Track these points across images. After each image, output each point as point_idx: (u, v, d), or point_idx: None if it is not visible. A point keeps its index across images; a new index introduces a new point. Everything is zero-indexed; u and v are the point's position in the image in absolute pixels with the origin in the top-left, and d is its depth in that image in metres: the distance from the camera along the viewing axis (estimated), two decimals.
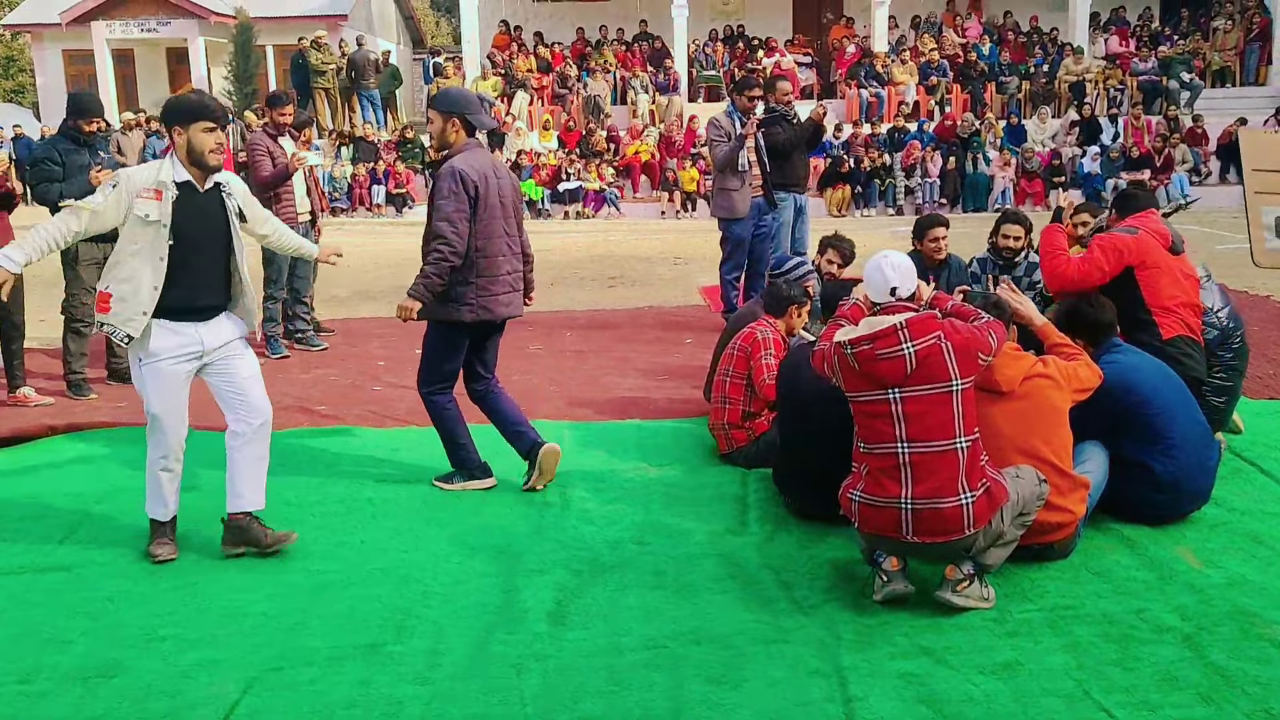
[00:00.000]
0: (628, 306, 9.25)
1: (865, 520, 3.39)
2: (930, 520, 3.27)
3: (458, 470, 4.68)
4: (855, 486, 3.43)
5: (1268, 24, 21.09)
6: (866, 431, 3.40)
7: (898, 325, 3.32)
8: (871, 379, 3.34)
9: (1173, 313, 4.54)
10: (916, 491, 3.28)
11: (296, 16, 24.47)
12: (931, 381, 3.29)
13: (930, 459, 3.28)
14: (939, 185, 17.84)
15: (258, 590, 3.65)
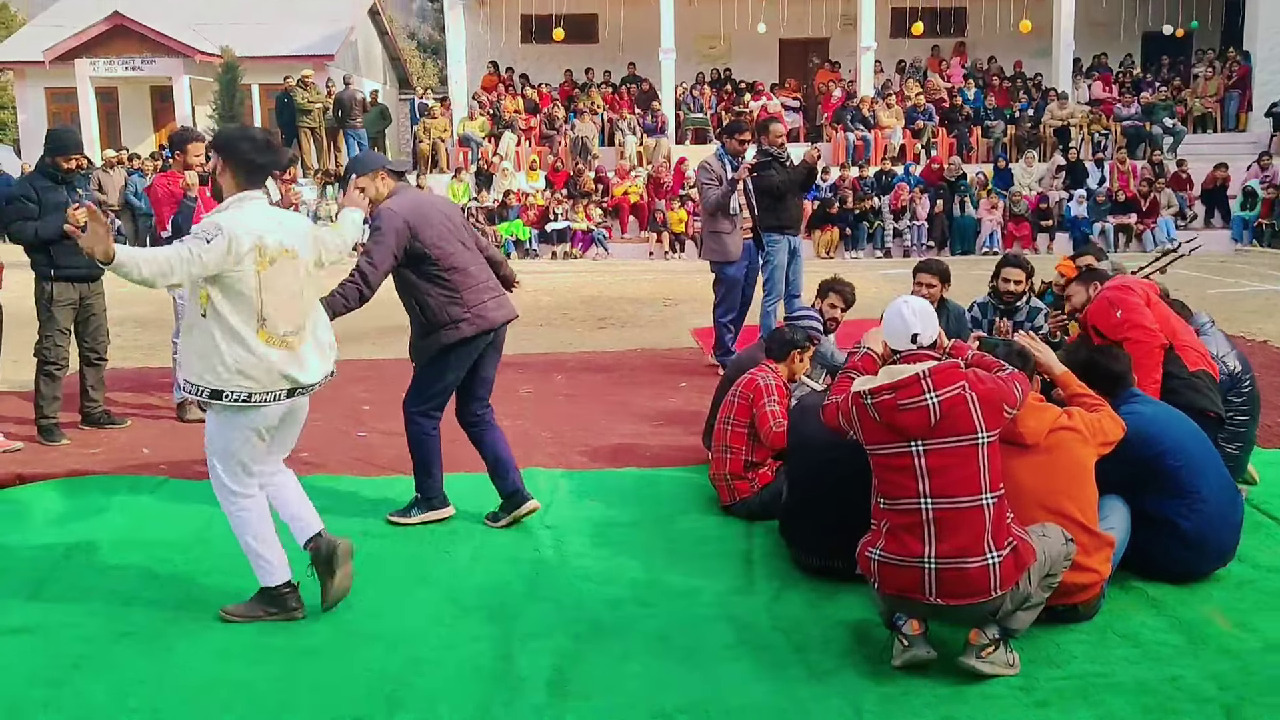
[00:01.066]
0: (618, 348, 9.07)
1: (885, 580, 3.20)
2: (955, 581, 3.09)
3: (418, 501, 4.66)
4: (874, 544, 3.24)
5: (1247, 72, 21.33)
6: (887, 486, 3.22)
7: (920, 374, 3.16)
8: (893, 430, 3.17)
9: (1189, 346, 4.51)
10: (940, 550, 3.10)
11: (283, 56, 24.47)
12: (956, 434, 3.13)
13: (955, 515, 3.10)
14: (927, 228, 17.83)
15: (237, 656, 3.42)
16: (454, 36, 22.11)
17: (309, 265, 3.72)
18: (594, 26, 23.55)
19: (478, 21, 23.17)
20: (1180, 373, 4.37)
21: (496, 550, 4.31)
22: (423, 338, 4.56)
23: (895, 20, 22.81)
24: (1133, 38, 22.87)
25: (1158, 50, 22.73)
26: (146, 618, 3.72)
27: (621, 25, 22.28)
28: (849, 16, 22.94)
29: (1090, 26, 22.03)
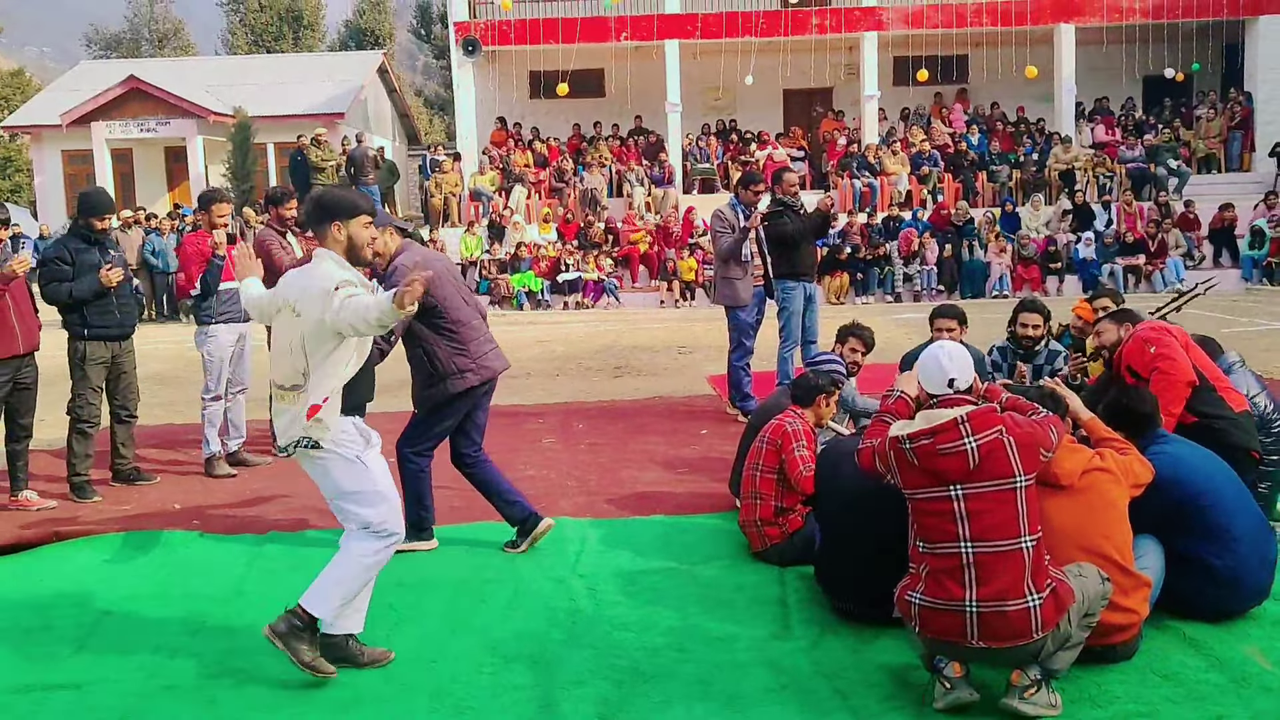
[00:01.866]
0: (637, 397, 9.14)
1: (926, 624, 3.23)
2: (996, 624, 3.12)
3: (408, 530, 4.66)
4: (914, 589, 3.27)
5: (1249, 113, 21.55)
6: (927, 531, 3.26)
7: (959, 419, 3.21)
8: (932, 475, 3.22)
9: (1227, 387, 4.56)
10: (981, 594, 3.13)
11: (295, 115, 24.89)
12: (994, 478, 3.17)
13: (995, 559, 3.14)
14: (936, 272, 17.95)
15: (281, 709, 3.45)
16: (463, 93, 22.48)
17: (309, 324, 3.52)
18: (600, 81, 23.93)
19: (486, 78, 23.56)
20: (1227, 413, 4.42)
21: (532, 599, 4.34)
22: (429, 386, 4.82)
23: (898, 68, 23.13)
24: (1133, 81, 23.15)
25: (1159, 93, 22.99)
26: (189, 671, 3.76)
27: (628, 80, 22.63)
28: (852, 66, 23.29)
29: (1091, 71, 22.32)
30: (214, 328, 6.65)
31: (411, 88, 49.14)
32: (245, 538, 5.33)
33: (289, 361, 3.58)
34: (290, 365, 3.58)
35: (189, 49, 46.78)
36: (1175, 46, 21.59)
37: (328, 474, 3.65)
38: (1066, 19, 21.70)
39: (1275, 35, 21.40)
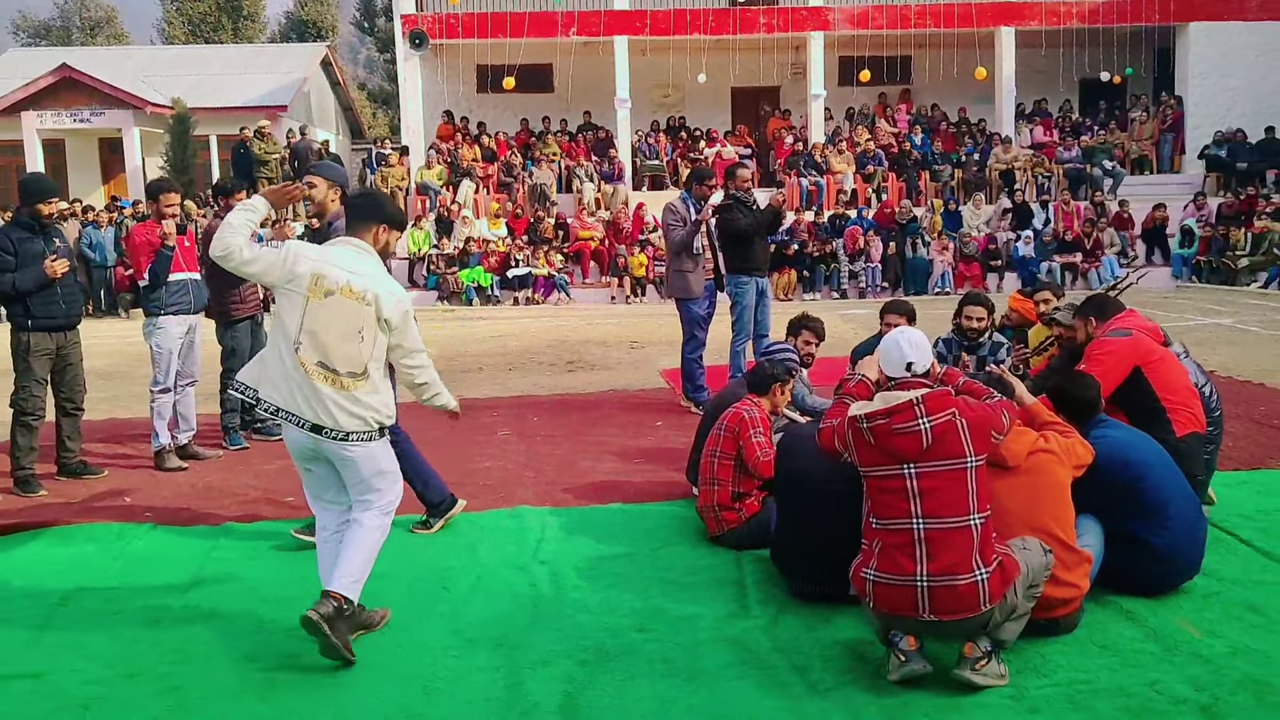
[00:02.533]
0: (591, 390, 9.21)
1: (880, 599, 3.35)
2: (947, 597, 3.25)
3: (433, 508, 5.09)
4: (868, 565, 3.40)
5: (1180, 116, 22.19)
6: (880, 507, 3.39)
7: (914, 400, 3.34)
8: (887, 453, 3.35)
9: (1182, 404, 4.63)
10: (932, 568, 3.26)
11: (236, 107, 24.53)
12: (947, 457, 3.31)
13: (945, 535, 3.27)
14: (881, 270, 18.25)
15: (248, 693, 3.47)
16: (410, 87, 22.34)
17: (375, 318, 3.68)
18: (548, 76, 23.93)
19: (433, 72, 23.44)
20: (1167, 438, 4.43)
21: (494, 585, 4.40)
22: None
23: (843, 69, 23.46)
24: (1071, 84, 23.73)
25: (1095, 96, 23.59)
26: (152, 659, 3.75)
27: (577, 75, 22.66)
28: (798, 66, 23.58)
29: (1030, 73, 22.83)
30: (162, 319, 6.59)
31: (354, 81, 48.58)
32: (200, 530, 5.31)
33: (355, 349, 3.66)
34: (356, 351, 3.66)
35: (122, 38, 45.80)
36: (1111, 51, 22.18)
37: (374, 456, 3.77)
38: (1007, 22, 22.17)
39: (1205, 41, 22.08)
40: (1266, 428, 6.89)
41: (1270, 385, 8.38)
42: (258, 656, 3.74)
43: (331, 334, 3.64)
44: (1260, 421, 7.06)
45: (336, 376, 3.65)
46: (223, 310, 6.97)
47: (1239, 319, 13.44)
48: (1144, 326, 4.95)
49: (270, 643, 3.86)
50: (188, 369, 6.82)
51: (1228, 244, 18.15)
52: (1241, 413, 7.24)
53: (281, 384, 3.67)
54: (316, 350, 3.65)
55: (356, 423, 3.68)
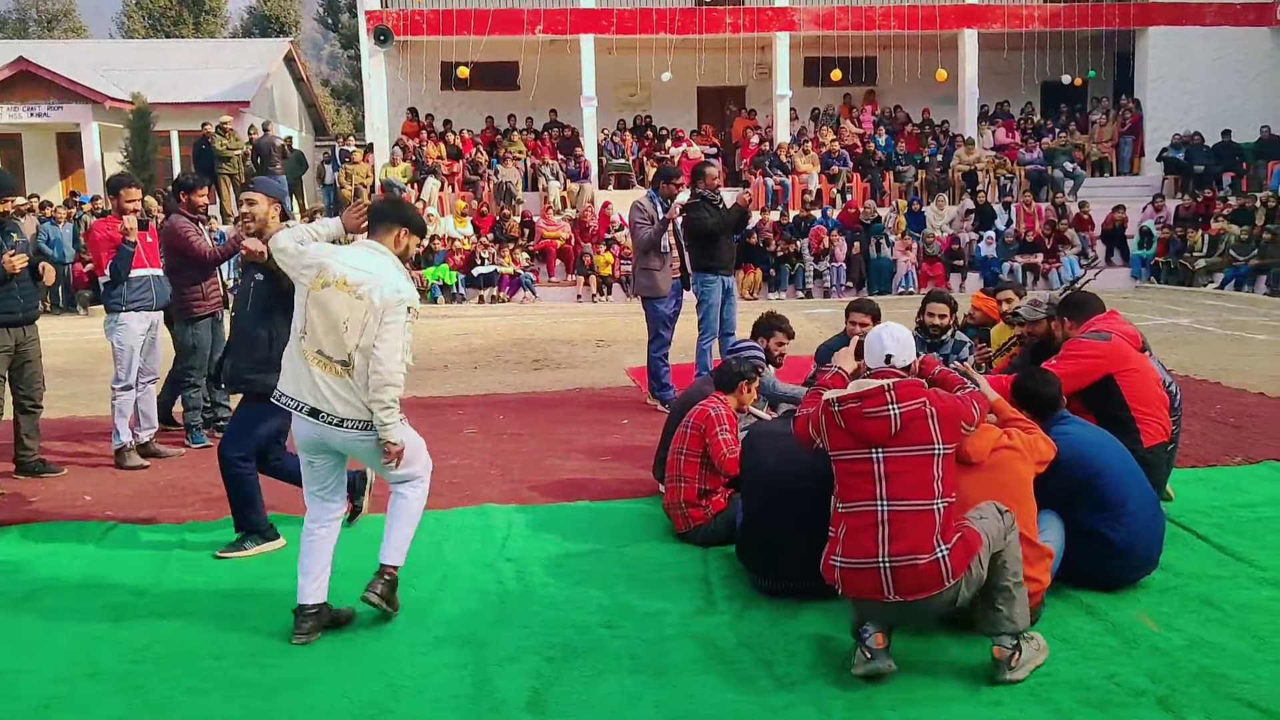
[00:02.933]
0: (557, 388, 9.21)
1: (848, 585, 3.39)
2: (909, 578, 3.30)
3: (253, 534, 4.82)
4: (835, 553, 3.44)
5: (1139, 119, 22.54)
6: (846, 490, 3.44)
7: (885, 387, 3.42)
8: (856, 437, 3.41)
9: (1153, 416, 4.69)
10: (893, 549, 3.31)
11: (198, 103, 24.24)
12: (914, 444, 3.38)
13: (907, 517, 3.34)
14: (845, 269, 18.38)
15: (211, 692, 3.44)
16: (374, 83, 22.20)
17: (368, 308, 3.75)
18: (514, 74, 23.85)
19: (397, 68, 23.29)
20: (1135, 447, 4.46)
21: (461, 583, 4.39)
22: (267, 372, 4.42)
23: (808, 69, 23.59)
24: (1033, 86, 24.01)
25: (1056, 98, 23.90)
26: (113, 659, 3.72)
27: (543, 73, 22.61)
28: (764, 66, 23.67)
29: (993, 76, 23.08)
30: (124, 316, 6.51)
31: (318, 77, 48.19)
32: (162, 528, 5.26)
33: (340, 338, 3.77)
34: (340, 341, 3.77)
35: (80, 32, 45.07)
36: (1072, 54, 22.47)
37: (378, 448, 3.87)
38: (970, 25, 22.40)
39: (1163, 46, 22.43)
40: (1222, 426, 7.02)
41: (1226, 384, 8.53)
42: (222, 655, 3.71)
43: (323, 323, 3.78)
44: (1216, 420, 7.20)
45: (331, 363, 3.78)
46: (184, 307, 6.90)
47: (1196, 319, 13.68)
48: (1124, 331, 4.94)
49: (234, 641, 3.83)
50: (150, 366, 6.74)
51: (1185, 245, 18.46)
52: (1198, 411, 7.37)
53: (290, 376, 3.88)
54: (313, 340, 3.80)
55: (350, 409, 3.78)
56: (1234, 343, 11.34)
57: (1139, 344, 4.96)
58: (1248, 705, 3.19)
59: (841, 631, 3.78)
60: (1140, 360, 4.86)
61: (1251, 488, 5.56)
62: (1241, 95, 22.38)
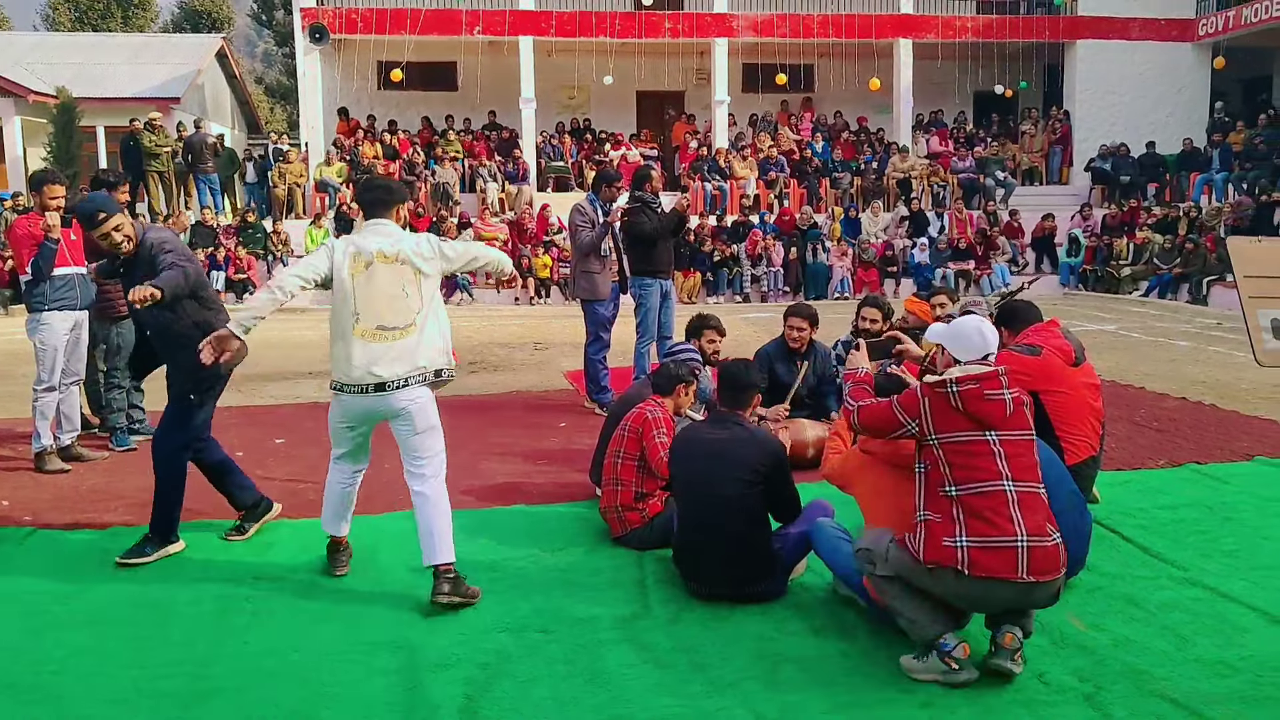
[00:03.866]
0: (493, 392, 9.14)
1: (979, 565, 3.31)
2: (1041, 558, 3.34)
3: (155, 537, 4.71)
4: (953, 534, 3.36)
5: (1068, 130, 23.08)
6: (964, 471, 3.40)
7: (1000, 371, 3.50)
8: (974, 419, 3.43)
9: (1078, 434, 4.75)
10: (1029, 527, 3.34)
11: (126, 98, 23.67)
12: (1021, 428, 3.47)
13: (1030, 497, 3.40)
14: (782, 274, 18.53)
15: (131, 703, 3.35)
16: (309, 82, 21.86)
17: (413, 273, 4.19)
18: (452, 74, 23.68)
19: (333, 67, 22.97)
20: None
21: (393, 588, 4.33)
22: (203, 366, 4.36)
23: (747, 75, 23.76)
24: (965, 96, 24.46)
25: (988, 108, 24.38)
26: (28, 669, 3.60)
27: (482, 74, 22.47)
28: (703, 71, 23.78)
29: (927, 85, 23.45)
30: (47, 315, 6.32)
31: (252, 74, 47.35)
32: (84, 534, 5.11)
33: (404, 304, 4.14)
34: (405, 306, 4.14)
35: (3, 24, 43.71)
36: (1004, 65, 22.94)
37: (426, 410, 4.25)
38: (905, 34, 22.75)
39: (1091, 59, 23.00)
40: (1146, 430, 7.20)
41: (1150, 390, 8.76)
42: (144, 664, 3.62)
43: (381, 297, 4.12)
44: (1141, 424, 7.38)
45: (388, 332, 4.10)
46: (105, 307, 6.72)
47: (1122, 325, 14.03)
48: (1057, 346, 4.91)
49: (158, 650, 3.73)
50: (73, 366, 6.56)
51: (1111, 253, 18.92)
52: (1123, 415, 7.55)
53: (344, 363, 4.13)
54: (373, 317, 4.10)
55: (409, 367, 4.12)
56: (1158, 349, 11.66)
57: (1070, 358, 4.93)
58: (1169, 701, 3.27)
59: (777, 633, 3.81)
60: (1069, 379, 4.83)
61: (1173, 490, 5.71)
62: (1165, 108, 23.05)
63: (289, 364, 10.91)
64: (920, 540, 3.42)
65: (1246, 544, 4.77)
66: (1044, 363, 4.78)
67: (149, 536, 4.73)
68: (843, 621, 3.92)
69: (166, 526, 4.75)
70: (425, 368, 4.18)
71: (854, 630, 3.83)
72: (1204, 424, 7.32)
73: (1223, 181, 19.94)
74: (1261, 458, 6.32)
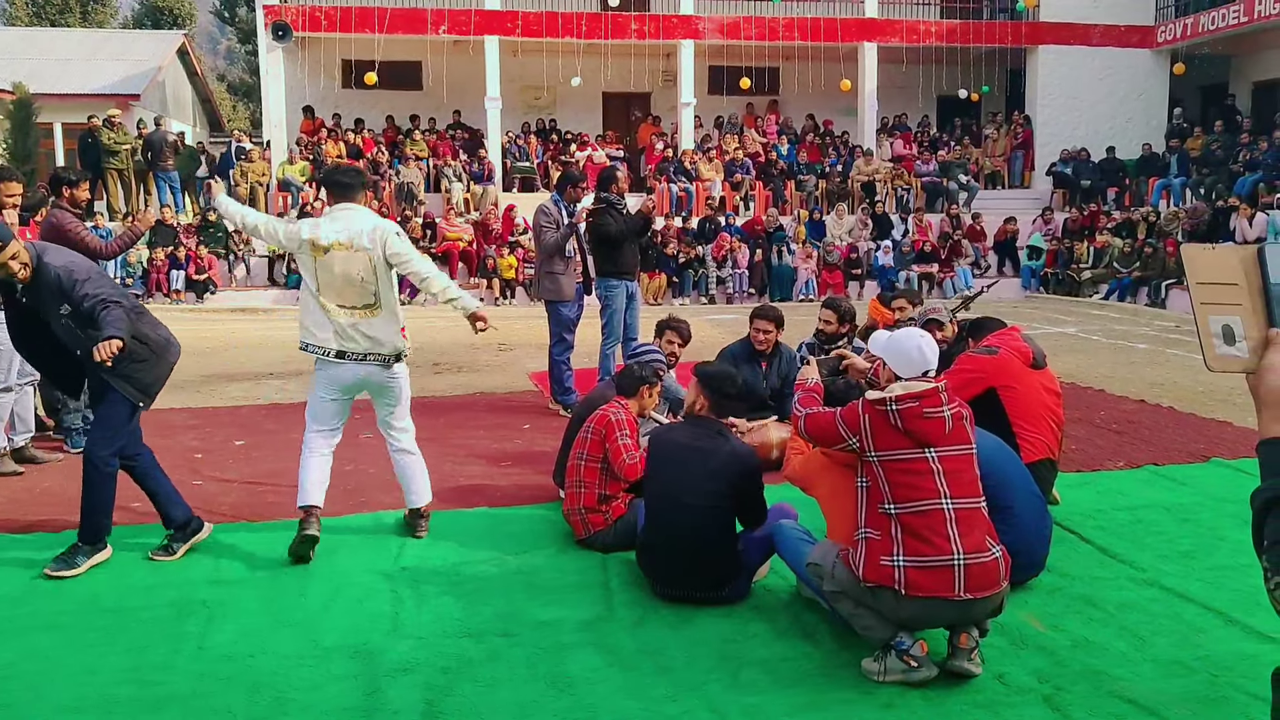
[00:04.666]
0: (457, 393, 9.07)
1: (915, 584, 3.32)
2: (979, 574, 3.34)
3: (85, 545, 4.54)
4: (891, 553, 3.36)
5: (1030, 134, 23.32)
6: (901, 490, 3.39)
7: (940, 388, 3.48)
8: (912, 437, 3.42)
9: (1036, 432, 4.81)
10: (966, 545, 3.34)
11: (85, 94, 23.33)
12: (961, 443, 3.46)
13: (969, 514, 3.40)
14: (748, 276, 18.57)
15: (85, 711, 3.28)
16: (272, 80, 21.63)
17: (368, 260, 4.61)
18: (418, 73, 23.52)
19: (296, 65, 22.75)
20: None
21: (354, 592, 4.28)
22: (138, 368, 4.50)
23: (713, 77, 23.81)
24: (929, 100, 24.67)
25: (951, 112, 24.59)
26: None
27: (448, 74, 22.35)
28: (669, 73, 23.79)
29: (892, 89, 23.62)
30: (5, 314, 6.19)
31: (214, 72, 46.82)
32: (36, 537, 5.00)
33: (360, 288, 4.61)
34: (362, 288, 4.61)
35: None
36: (967, 69, 23.14)
37: (406, 379, 4.88)
38: (870, 38, 22.88)
39: (1053, 64, 23.25)
40: (1106, 431, 7.27)
41: (1110, 391, 8.86)
42: (96, 670, 3.55)
43: (339, 280, 4.58)
44: (1100, 426, 7.46)
45: (355, 309, 4.61)
46: None
47: (1082, 328, 14.19)
48: (1015, 348, 5.02)
49: (111, 657, 3.66)
50: (28, 367, 6.42)
51: (1072, 257, 19.14)
52: (1083, 417, 7.63)
53: (313, 327, 4.63)
54: (333, 294, 4.61)
55: (372, 344, 4.65)
56: (1117, 351, 11.80)
57: (1028, 359, 5.02)
58: (1127, 701, 3.29)
59: (741, 635, 3.80)
60: (1025, 378, 4.92)
61: (1132, 491, 5.77)
62: (1125, 114, 23.36)
63: (251, 365, 10.79)
64: (860, 557, 3.44)
65: (1203, 544, 4.83)
66: (999, 359, 4.89)
67: (79, 545, 4.55)
68: (805, 624, 3.92)
69: (96, 534, 4.58)
70: (401, 345, 4.70)
71: (816, 632, 3.83)
72: (1162, 426, 7.41)
73: (1180, 186, 20.24)
74: (1218, 459, 6.40)
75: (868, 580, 3.40)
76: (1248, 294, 1.63)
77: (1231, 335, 1.62)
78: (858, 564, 3.43)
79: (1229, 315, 1.63)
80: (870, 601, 3.44)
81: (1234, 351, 1.62)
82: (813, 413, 3.74)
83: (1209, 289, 1.64)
